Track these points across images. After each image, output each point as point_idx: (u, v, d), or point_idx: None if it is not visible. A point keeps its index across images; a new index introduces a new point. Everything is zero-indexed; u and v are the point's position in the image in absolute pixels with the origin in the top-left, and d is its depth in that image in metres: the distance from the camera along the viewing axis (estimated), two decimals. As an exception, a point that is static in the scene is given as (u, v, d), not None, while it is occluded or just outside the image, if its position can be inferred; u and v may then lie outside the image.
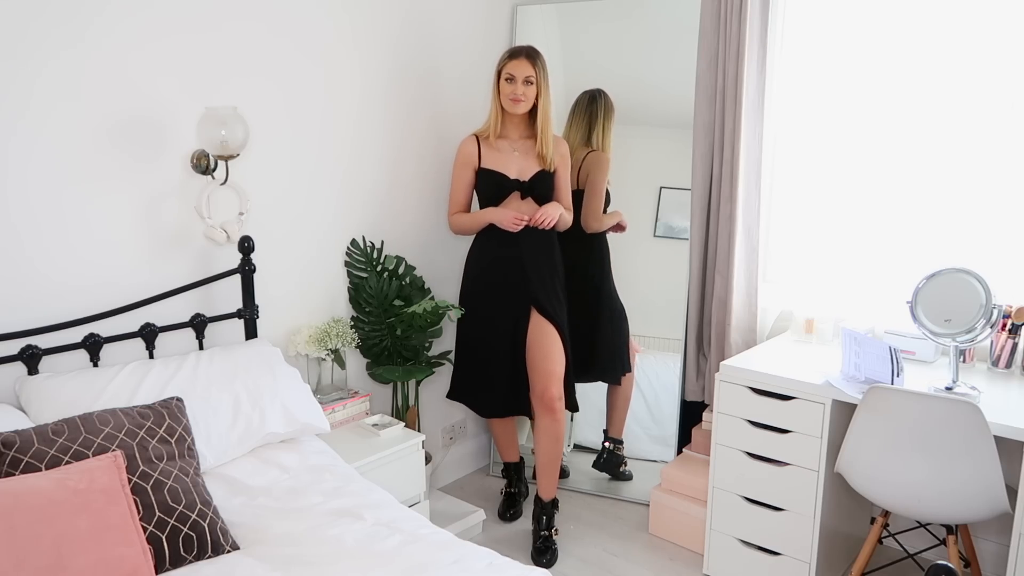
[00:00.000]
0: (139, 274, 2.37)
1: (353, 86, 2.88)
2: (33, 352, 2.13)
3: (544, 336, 2.82)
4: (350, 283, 2.96)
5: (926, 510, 2.17)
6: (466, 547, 1.89)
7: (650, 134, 3.20)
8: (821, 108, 2.85)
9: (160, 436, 1.93)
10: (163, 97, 2.36)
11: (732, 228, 2.88)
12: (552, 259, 2.88)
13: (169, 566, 1.78)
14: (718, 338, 2.99)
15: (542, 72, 2.75)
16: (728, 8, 2.80)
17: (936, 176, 2.66)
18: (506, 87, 2.75)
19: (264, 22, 2.58)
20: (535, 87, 2.74)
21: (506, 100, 2.76)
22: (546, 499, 2.94)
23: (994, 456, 2.04)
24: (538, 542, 2.91)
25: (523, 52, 2.75)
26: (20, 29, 2.06)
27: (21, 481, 1.66)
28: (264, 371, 2.36)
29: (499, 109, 2.80)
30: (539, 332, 2.83)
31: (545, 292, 2.83)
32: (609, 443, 3.31)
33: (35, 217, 2.15)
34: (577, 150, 3.10)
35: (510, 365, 2.86)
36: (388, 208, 3.07)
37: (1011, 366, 2.49)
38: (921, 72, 2.63)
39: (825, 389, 2.37)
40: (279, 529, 1.95)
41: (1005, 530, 2.56)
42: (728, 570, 2.67)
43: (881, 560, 2.74)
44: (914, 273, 2.40)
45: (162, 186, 2.39)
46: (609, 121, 3.15)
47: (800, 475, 2.45)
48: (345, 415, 2.77)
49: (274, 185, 2.68)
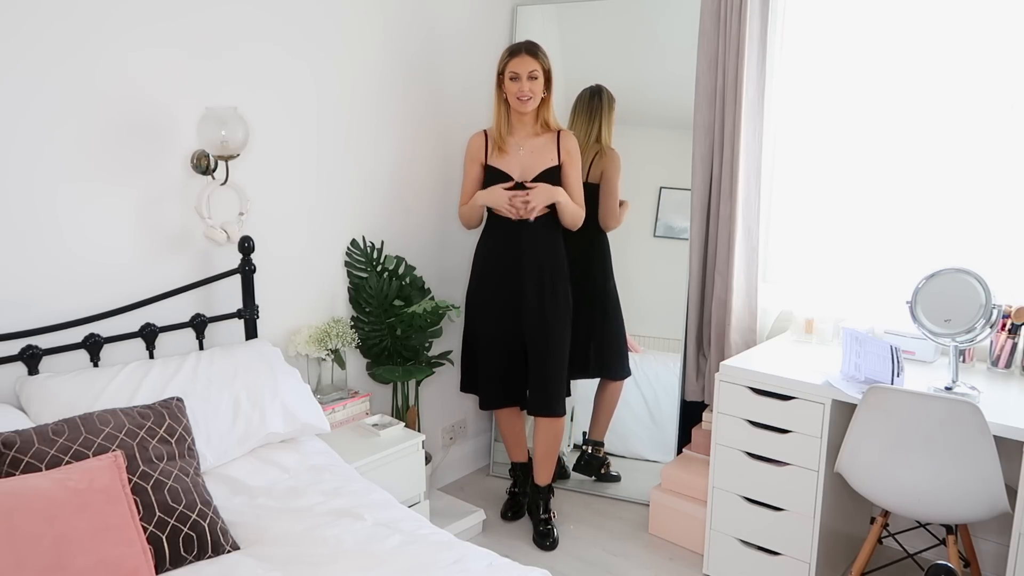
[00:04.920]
0: (139, 274, 2.37)
1: (353, 86, 2.88)
2: (33, 352, 2.13)
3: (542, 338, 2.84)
4: (350, 283, 2.96)
5: (926, 510, 2.17)
6: (466, 547, 1.90)
7: (650, 134, 3.20)
8: (821, 108, 2.85)
9: (160, 436, 1.93)
10: (164, 97, 2.36)
11: (732, 228, 2.88)
12: (555, 255, 2.86)
13: (169, 566, 1.78)
14: (718, 338, 2.99)
15: (546, 61, 2.74)
16: (728, 8, 2.80)
17: (936, 176, 2.66)
18: (511, 86, 2.73)
19: (264, 23, 2.58)
20: (541, 80, 2.73)
21: (513, 99, 2.74)
22: (542, 484, 3.00)
23: (994, 456, 2.04)
24: (539, 527, 2.95)
25: (523, 48, 2.73)
26: (23, 31, 2.06)
27: (21, 481, 1.66)
28: (264, 371, 2.36)
29: (504, 110, 2.79)
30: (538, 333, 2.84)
31: (541, 292, 2.83)
32: (587, 445, 3.32)
33: (36, 217, 2.15)
34: (585, 147, 3.10)
35: (510, 359, 2.88)
36: (388, 208, 3.08)
37: (1011, 366, 2.49)
38: (921, 72, 2.63)
39: (825, 389, 2.37)
40: (279, 529, 1.95)
41: (1005, 530, 2.56)
42: (728, 570, 2.67)
43: (881, 560, 2.74)
44: (914, 273, 2.39)
45: (162, 186, 2.39)
46: (611, 115, 3.15)
47: (800, 475, 2.45)
48: (345, 415, 2.78)
49: (274, 185, 2.68)
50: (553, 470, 3.04)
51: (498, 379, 2.92)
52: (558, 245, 2.88)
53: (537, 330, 2.84)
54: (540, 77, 2.73)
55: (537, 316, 2.83)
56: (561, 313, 2.86)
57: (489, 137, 2.85)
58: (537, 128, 2.82)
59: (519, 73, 2.71)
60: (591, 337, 3.13)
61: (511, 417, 3.09)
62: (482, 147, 2.85)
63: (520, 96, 2.72)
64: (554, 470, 3.05)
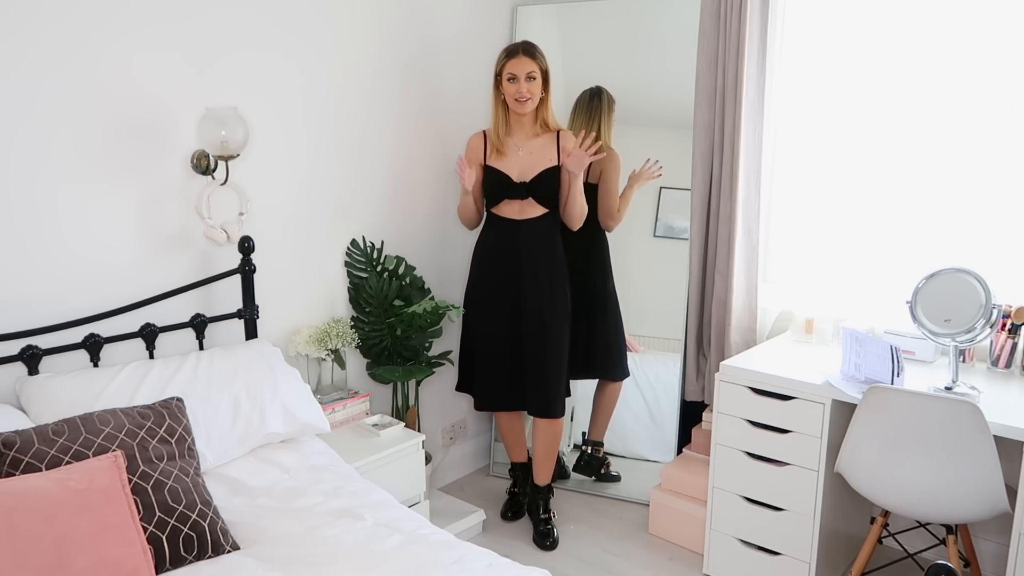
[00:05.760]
0: (139, 274, 2.37)
1: (353, 86, 2.88)
2: (33, 352, 2.13)
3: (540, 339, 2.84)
4: (350, 283, 2.96)
5: (926, 510, 2.17)
6: (466, 547, 1.90)
7: (650, 134, 3.20)
8: (821, 108, 2.85)
9: (160, 436, 1.93)
10: (164, 97, 2.36)
11: (732, 228, 2.88)
12: (553, 254, 2.85)
13: (169, 566, 1.78)
14: (718, 338, 2.99)
15: (544, 61, 2.74)
16: (728, 8, 2.80)
17: (936, 176, 2.66)
18: (509, 87, 2.73)
19: (265, 25, 2.58)
20: (539, 81, 2.73)
21: (512, 101, 2.74)
22: (542, 484, 3.01)
23: (994, 456, 2.04)
24: (539, 527, 2.96)
25: (520, 49, 2.73)
26: (24, 31, 2.06)
27: (21, 481, 1.66)
28: (264, 371, 2.36)
29: (502, 111, 2.79)
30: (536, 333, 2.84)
31: (539, 293, 2.83)
32: (587, 446, 3.32)
33: (37, 217, 2.15)
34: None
35: (509, 359, 2.88)
36: (388, 208, 3.08)
37: (1011, 366, 2.49)
38: (921, 72, 2.63)
39: (825, 389, 2.37)
40: (279, 529, 1.95)
41: (1005, 530, 2.56)
42: (728, 570, 2.67)
43: (881, 560, 2.74)
44: (914, 273, 2.39)
45: (162, 186, 2.39)
46: (611, 116, 3.15)
47: (800, 475, 2.45)
48: (345, 415, 2.78)
49: (274, 185, 2.68)
50: (553, 470, 3.04)
51: (496, 381, 2.92)
52: (557, 245, 2.87)
53: (536, 330, 2.84)
54: (538, 78, 2.73)
55: (536, 316, 2.83)
56: (560, 313, 2.86)
57: (488, 137, 2.85)
58: (536, 128, 2.82)
59: (516, 74, 2.70)
60: (590, 337, 3.13)
61: (511, 417, 3.09)
62: (481, 147, 2.85)
63: (518, 97, 2.72)
64: (554, 470, 3.06)
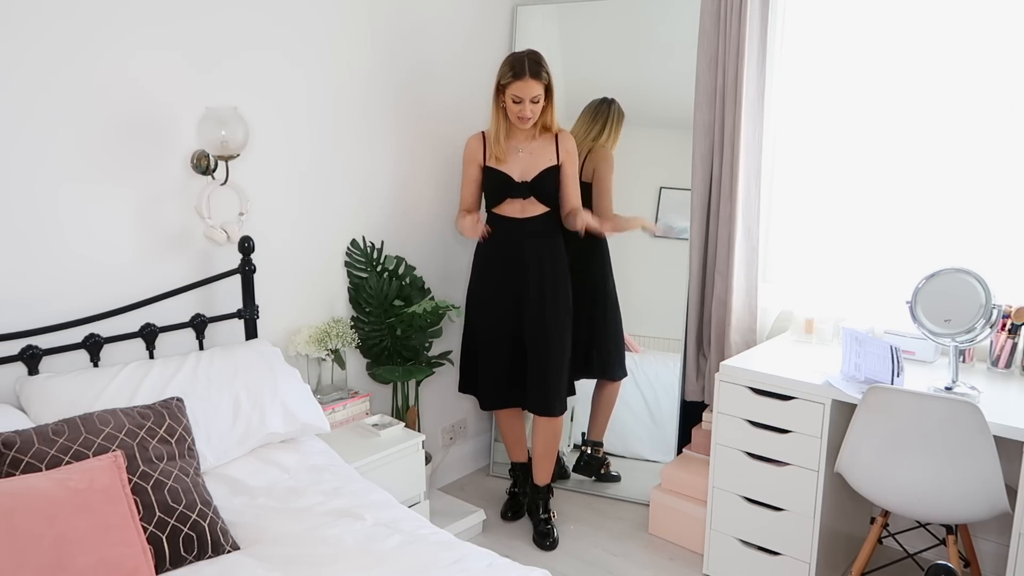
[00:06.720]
0: (139, 274, 2.37)
1: (354, 86, 2.88)
2: (33, 352, 2.13)
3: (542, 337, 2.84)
4: (350, 283, 2.96)
5: (926, 510, 2.17)
6: (466, 547, 1.90)
7: (650, 134, 3.20)
8: (821, 108, 2.84)
9: (160, 436, 1.93)
10: (165, 98, 2.36)
11: (732, 228, 2.88)
12: (555, 252, 2.85)
13: (169, 566, 1.78)
14: (718, 338, 2.99)
15: (548, 78, 2.70)
16: (728, 8, 2.80)
17: (936, 176, 2.66)
18: (513, 107, 2.70)
19: (266, 27, 2.58)
20: (542, 99, 2.70)
21: (514, 118, 2.72)
22: (541, 484, 3.01)
23: (994, 456, 2.04)
24: (539, 527, 2.96)
25: (527, 71, 2.65)
26: (25, 32, 2.06)
27: (21, 481, 1.66)
28: (264, 371, 2.36)
29: (502, 118, 2.76)
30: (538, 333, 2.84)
31: (542, 291, 2.83)
32: (587, 446, 3.32)
33: (37, 217, 2.15)
34: (582, 142, 3.10)
35: (511, 357, 2.88)
36: (388, 208, 3.08)
37: (1011, 366, 2.49)
38: (921, 72, 2.63)
39: (825, 389, 2.37)
40: (279, 529, 1.95)
41: (1005, 530, 2.56)
42: (728, 570, 2.67)
43: (881, 560, 2.74)
44: (914, 273, 2.39)
45: (162, 186, 2.39)
46: (619, 126, 3.14)
47: (800, 475, 2.45)
48: (345, 415, 2.78)
49: (274, 185, 2.68)
50: (552, 470, 3.05)
51: (498, 379, 2.92)
52: (559, 243, 2.88)
53: (537, 330, 2.84)
54: (542, 99, 2.71)
55: (538, 316, 2.83)
56: (562, 313, 2.86)
57: (487, 139, 2.85)
58: (535, 132, 2.82)
59: (522, 97, 2.68)
60: (590, 337, 3.13)
61: (511, 417, 3.09)
62: (480, 149, 2.85)
63: (521, 116, 2.71)
64: (554, 470, 3.06)
